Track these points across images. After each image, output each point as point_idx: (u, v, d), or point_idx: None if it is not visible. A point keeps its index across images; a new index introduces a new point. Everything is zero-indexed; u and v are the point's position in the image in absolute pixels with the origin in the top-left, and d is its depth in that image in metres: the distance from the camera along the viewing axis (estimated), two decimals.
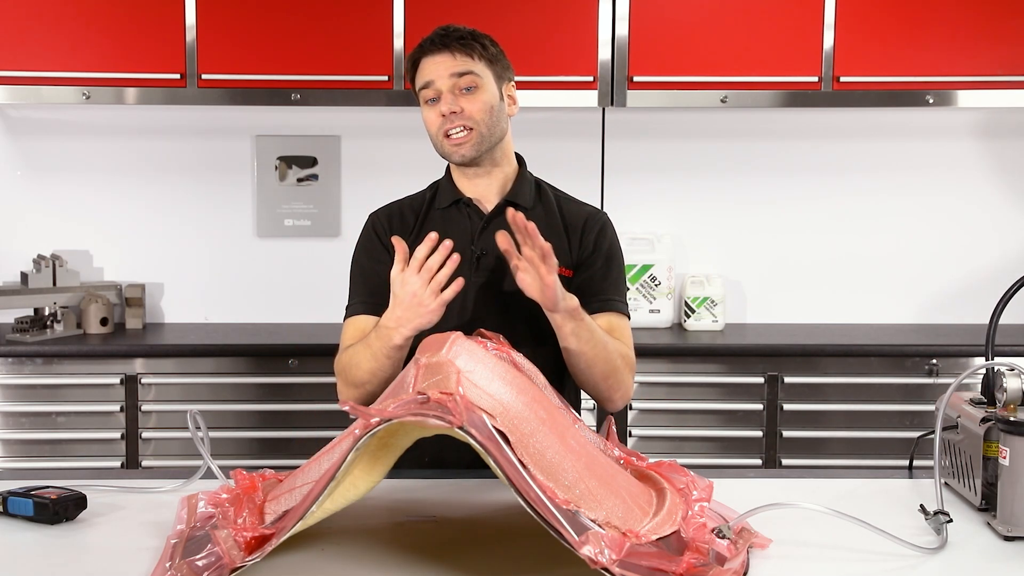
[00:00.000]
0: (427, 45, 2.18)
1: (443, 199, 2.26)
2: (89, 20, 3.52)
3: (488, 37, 2.21)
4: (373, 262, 2.23)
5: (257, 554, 1.48)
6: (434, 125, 2.18)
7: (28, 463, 3.44)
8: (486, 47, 2.18)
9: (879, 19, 3.53)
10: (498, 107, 2.18)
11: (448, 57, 2.15)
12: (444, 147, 2.18)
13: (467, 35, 2.17)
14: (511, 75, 2.24)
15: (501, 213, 2.21)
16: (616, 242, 2.27)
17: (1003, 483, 1.71)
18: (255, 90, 3.56)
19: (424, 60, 2.17)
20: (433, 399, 1.50)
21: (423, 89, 2.17)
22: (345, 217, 3.89)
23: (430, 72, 2.16)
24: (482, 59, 2.17)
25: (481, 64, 2.16)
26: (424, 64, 2.17)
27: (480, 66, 2.16)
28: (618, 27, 3.53)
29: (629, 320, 2.23)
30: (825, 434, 3.48)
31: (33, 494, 1.74)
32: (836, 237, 3.93)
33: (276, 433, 3.47)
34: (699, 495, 1.71)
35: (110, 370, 3.44)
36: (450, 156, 2.19)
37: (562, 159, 3.77)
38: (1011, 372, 1.74)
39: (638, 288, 3.78)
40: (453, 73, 2.14)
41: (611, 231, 2.27)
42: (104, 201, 3.89)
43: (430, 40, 2.18)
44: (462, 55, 2.15)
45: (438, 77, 2.15)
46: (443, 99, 2.15)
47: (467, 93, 2.15)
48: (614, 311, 2.19)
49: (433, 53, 2.16)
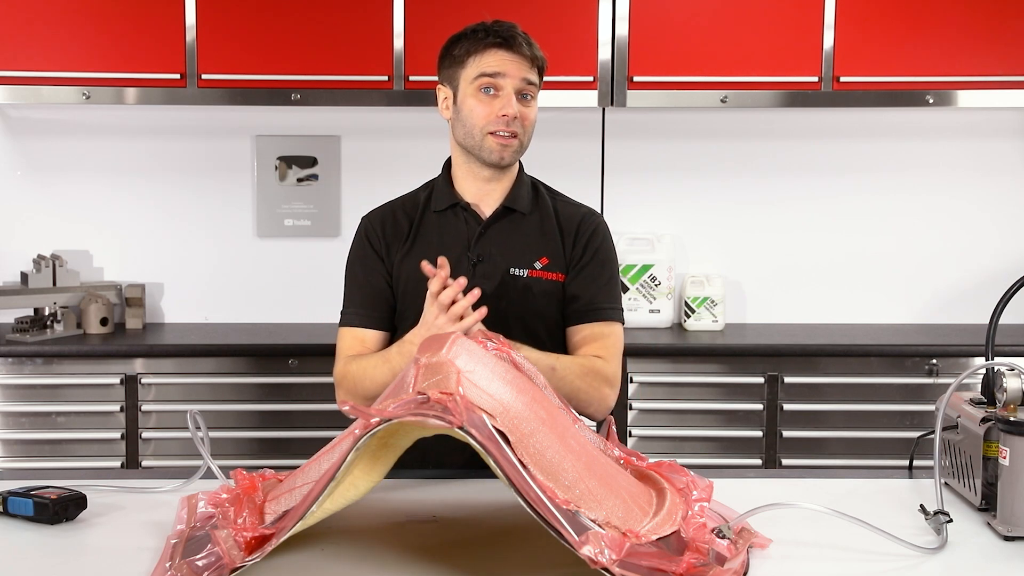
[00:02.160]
0: (495, 37, 2.11)
1: (439, 202, 2.22)
2: (89, 20, 3.52)
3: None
4: (367, 272, 2.21)
5: (257, 554, 1.48)
6: (483, 118, 2.12)
7: (28, 463, 3.44)
8: (544, 64, 2.17)
9: (879, 19, 3.53)
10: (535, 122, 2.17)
11: (523, 60, 2.11)
12: (487, 143, 2.13)
13: (536, 47, 2.14)
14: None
15: (499, 218, 2.20)
16: (610, 245, 2.25)
17: (1003, 483, 1.71)
18: (255, 90, 3.56)
19: (495, 50, 2.11)
20: (433, 399, 1.50)
21: (483, 77, 2.11)
22: (345, 217, 3.89)
23: (500, 65, 2.10)
24: (540, 75, 2.16)
25: (538, 79, 2.16)
26: (492, 54, 2.11)
27: (538, 79, 2.16)
28: (618, 27, 3.53)
29: (622, 324, 2.21)
30: (825, 434, 3.48)
31: (33, 494, 1.74)
32: (836, 237, 3.93)
33: (276, 433, 3.47)
34: (699, 495, 1.70)
35: (110, 370, 3.44)
36: (489, 153, 2.14)
37: (562, 159, 3.78)
38: (1011, 372, 1.74)
39: (638, 288, 3.78)
40: (524, 78, 2.11)
41: (605, 234, 2.25)
42: (104, 201, 3.89)
43: (499, 34, 2.11)
44: (533, 65, 2.13)
45: (509, 74, 2.10)
46: (508, 99, 2.10)
47: (525, 100, 2.12)
48: (603, 320, 2.17)
49: (506, 49, 2.11)
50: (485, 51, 2.11)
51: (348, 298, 2.24)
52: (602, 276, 2.21)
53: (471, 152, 2.17)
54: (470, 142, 2.15)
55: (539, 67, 2.15)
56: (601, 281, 2.20)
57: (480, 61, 2.11)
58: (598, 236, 2.23)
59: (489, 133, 2.12)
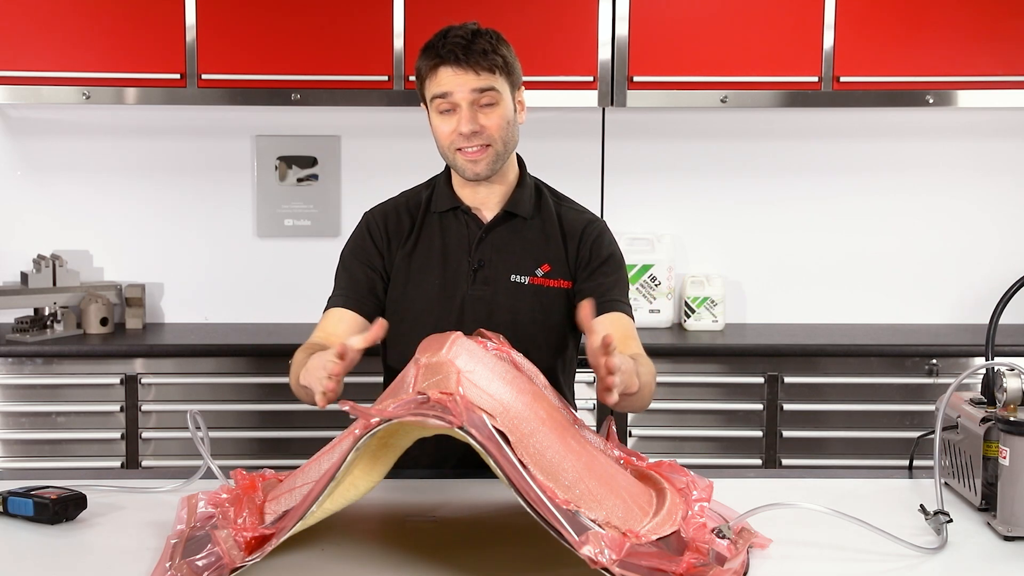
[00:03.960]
0: (447, 55, 2.06)
1: (440, 203, 2.19)
2: (89, 20, 3.52)
3: (504, 41, 2.11)
4: (361, 264, 2.20)
5: (257, 554, 1.48)
6: (447, 138, 2.09)
7: (28, 463, 3.44)
8: (506, 58, 2.09)
9: (879, 19, 3.53)
10: (512, 120, 2.11)
11: (470, 73, 2.05)
12: (457, 161, 2.10)
13: (488, 47, 2.06)
14: (521, 79, 2.15)
15: (500, 223, 2.18)
16: (616, 248, 2.23)
17: (1003, 483, 1.71)
18: (255, 90, 3.56)
19: (442, 69, 2.06)
20: (433, 399, 1.50)
21: (438, 99, 2.07)
22: (345, 217, 3.89)
23: (449, 84, 2.05)
24: (502, 73, 2.08)
25: (501, 78, 2.07)
26: (442, 73, 2.06)
27: (500, 80, 2.07)
28: (618, 27, 3.53)
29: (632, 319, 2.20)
30: (825, 434, 3.48)
31: (33, 494, 1.74)
32: (836, 237, 3.93)
33: (276, 433, 3.47)
34: (699, 495, 1.71)
35: (110, 370, 3.44)
36: (463, 171, 2.11)
37: (562, 159, 3.78)
38: (1011, 372, 1.74)
39: (638, 288, 3.78)
40: (474, 89, 2.05)
41: (609, 238, 2.23)
42: (104, 201, 3.89)
43: (449, 49, 2.06)
44: (485, 71, 2.05)
45: (457, 91, 2.05)
46: (463, 115, 2.05)
47: (485, 108, 2.07)
48: (619, 311, 2.15)
49: (453, 65, 2.05)
50: (434, 71, 2.08)
51: (336, 283, 2.23)
52: (612, 276, 2.19)
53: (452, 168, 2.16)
54: (446, 160, 2.15)
55: (496, 67, 2.06)
56: (613, 280, 2.18)
57: (432, 82, 2.08)
58: (605, 240, 2.21)
59: (456, 150, 2.09)
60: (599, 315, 2.11)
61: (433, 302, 2.15)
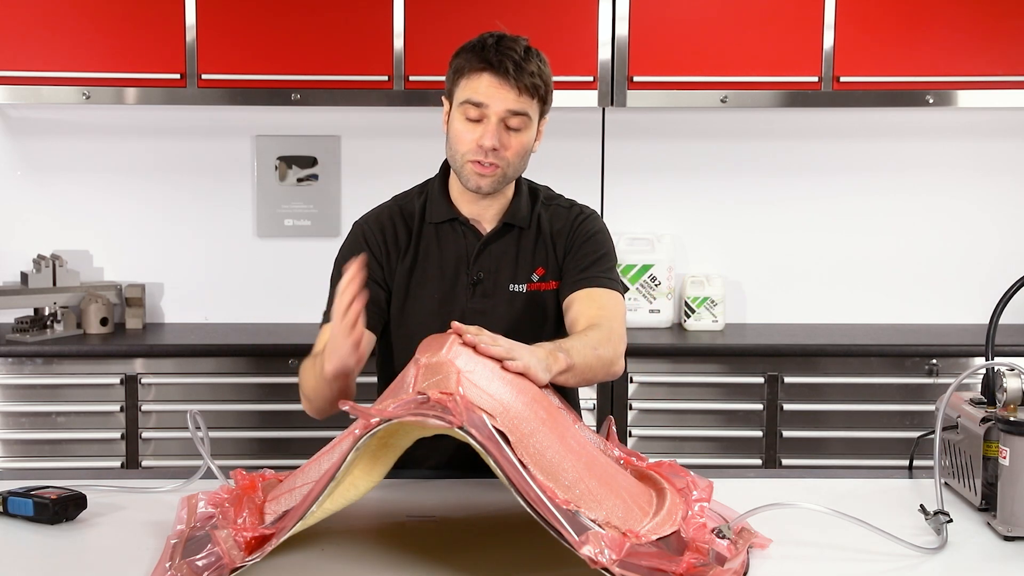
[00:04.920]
0: (498, 64, 2.01)
1: (436, 214, 2.15)
2: (89, 20, 3.52)
3: (548, 67, 2.08)
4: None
5: (257, 554, 1.48)
6: (465, 144, 2.04)
7: (28, 463, 3.44)
8: (548, 87, 2.07)
9: (879, 19, 3.53)
10: (530, 149, 2.09)
11: (513, 91, 2.01)
12: (466, 170, 2.06)
13: (537, 71, 2.03)
14: (550, 107, 2.12)
15: (500, 235, 2.15)
16: (600, 230, 2.17)
17: (1003, 483, 1.71)
18: (255, 90, 3.56)
19: (486, 75, 2.01)
20: (433, 399, 1.50)
21: (470, 104, 2.03)
22: (345, 217, 3.88)
23: (488, 95, 2.01)
24: (539, 101, 2.06)
25: (535, 105, 2.05)
26: (484, 80, 2.01)
27: (534, 107, 2.05)
28: (618, 27, 3.53)
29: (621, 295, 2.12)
30: (825, 434, 3.48)
31: (33, 494, 1.74)
32: (836, 237, 3.93)
33: (276, 433, 3.47)
34: (699, 495, 1.71)
35: (110, 370, 3.44)
36: (467, 181, 2.07)
37: (562, 159, 3.77)
38: (1011, 372, 1.74)
39: (638, 288, 3.78)
40: (510, 109, 2.01)
41: (594, 222, 2.18)
42: (104, 201, 3.89)
43: (503, 61, 2.01)
44: (526, 94, 2.02)
45: (494, 105, 2.01)
46: (489, 130, 2.01)
47: (511, 131, 2.03)
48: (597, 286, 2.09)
49: (500, 76, 2.01)
50: (474, 75, 2.03)
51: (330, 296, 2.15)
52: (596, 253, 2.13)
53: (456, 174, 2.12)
54: (454, 164, 2.10)
55: (537, 94, 2.04)
56: (593, 258, 2.13)
57: (468, 85, 2.04)
58: (587, 225, 2.17)
59: (469, 160, 2.05)
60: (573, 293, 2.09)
61: (433, 316, 2.11)
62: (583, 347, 1.92)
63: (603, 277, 2.12)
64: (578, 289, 2.10)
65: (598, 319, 2.03)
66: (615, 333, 2.03)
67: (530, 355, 1.76)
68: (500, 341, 1.74)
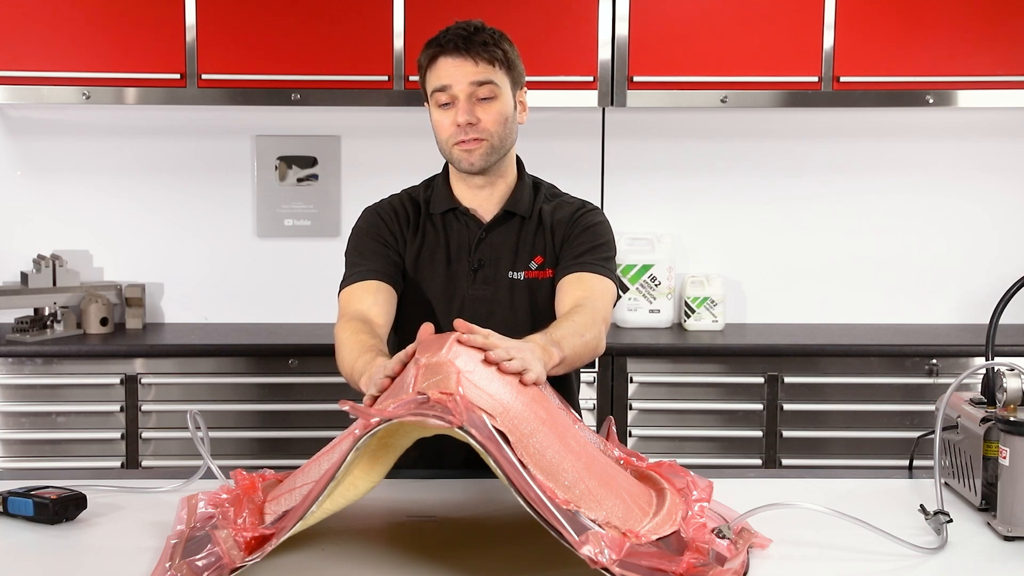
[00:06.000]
0: (447, 44, 2.06)
1: (438, 205, 2.19)
2: (89, 20, 3.52)
3: (507, 39, 2.11)
4: (379, 241, 2.15)
5: (257, 554, 1.48)
6: (445, 131, 2.08)
7: (28, 463, 3.44)
8: (507, 54, 2.08)
9: (879, 19, 3.53)
10: (512, 117, 2.10)
11: (469, 63, 2.04)
12: (453, 154, 2.10)
13: (490, 40, 2.06)
14: (523, 79, 2.15)
15: (499, 223, 2.18)
16: (600, 223, 2.19)
17: (1003, 483, 1.71)
18: (255, 90, 3.56)
19: (442, 60, 2.06)
20: (433, 399, 1.50)
21: (437, 92, 2.07)
22: (345, 217, 3.89)
23: (448, 76, 2.05)
24: (502, 67, 2.07)
25: (501, 72, 2.07)
26: (441, 65, 2.06)
27: (500, 74, 2.07)
28: (618, 27, 3.53)
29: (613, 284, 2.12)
30: (825, 434, 3.48)
31: (33, 494, 1.74)
32: (836, 237, 3.93)
33: (276, 433, 3.47)
34: (699, 495, 1.71)
35: (110, 370, 3.44)
36: (458, 163, 2.11)
37: (562, 159, 3.78)
38: (1011, 372, 1.74)
39: (638, 288, 3.78)
40: (473, 81, 2.04)
41: (596, 215, 2.20)
42: (104, 201, 3.89)
43: (450, 39, 2.06)
44: (484, 62, 2.05)
45: (456, 83, 2.05)
46: (460, 107, 2.05)
47: (483, 102, 2.06)
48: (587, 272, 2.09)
49: (453, 55, 2.05)
50: (434, 62, 2.07)
51: (353, 262, 2.15)
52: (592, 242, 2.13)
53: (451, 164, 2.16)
54: (445, 155, 2.14)
55: (496, 59, 2.06)
56: (588, 246, 2.13)
57: (432, 75, 2.08)
58: (588, 216, 2.18)
59: (454, 144, 2.08)
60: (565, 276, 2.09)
61: (435, 303, 2.15)
62: (571, 335, 1.91)
63: (596, 264, 2.12)
64: (570, 273, 2.11)
65: (582, 300, 2.04)
66: (598, 314, 2.02)
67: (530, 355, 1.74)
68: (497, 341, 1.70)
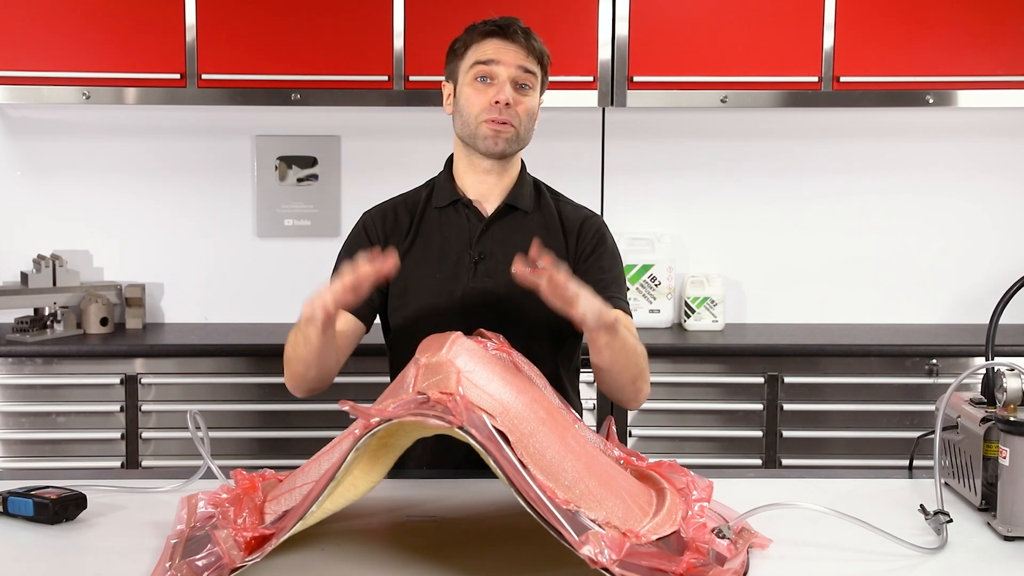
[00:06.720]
0: (504, 26, 2.13)
1: (440, 198, 2.21)
2: (89, 20, 3.52)
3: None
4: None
5: (257, 554, 1.48)
6: (478, 106, 2.11)
7: (28, 463, 3.44)
8: (547, 57, 2.17)
9: (879, 19, 3.53)
10: (535, 116, 2.17)
11: (520, 49, 2.12)
12: (481, 130, 2.12)
13: (538, 41, 2.15)
14: (547, 86, 2.22)
15: (501, 216, 2.19)
16: (614, 246, 2.25)
17: (1003, 483, 1.71)
18: (255, 90, 3.56)
19: (495, 39, 2.12)
20: (433, 399, 1.50)
21: (480, 64, 2.12)
22: (345, 217, 3.89)
23: (496, 53, 2.11)
24: (540, 65, 2.15)
25: (538, 68, 2.15)
26: (490, 43, 2.12)
27: (538, 72, 2.15)
28: (618, 27, 3.53)
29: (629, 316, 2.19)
30: (825, 434, 3.48)
31: (33, 494, 1.74)
32: (836, 237, 3.93)
33: (276, 433, 3.47)
34: (699, 495, 1.71)
35: (110, 370, 3.44)
36: (482, 140, 2.13)
37: (562, 159, 3.78)
38: (1011, 372, 1.74)
39: (638, 288, 3.78)
40: (520, 66, 2.11)
41: (609, 236, 2.25)
42: (104, 201, 3.89)
43: (500, 25, 2.13)
44: (533, 56, 2.13)
45: (504, 62, 2.10)
46: (502, 86, 2.10)
47: (520, 90, 2.12)
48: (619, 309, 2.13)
49: (504, 38, 2.12)
50: (481, 40, 2.13)
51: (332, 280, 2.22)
52: (612, 270, 2.20)
53: (469, 144, 2.16)
54: (467, 132, 2.15)
55: (539, 59, 2.14)
56: (612, 274, 2.19)
57: (476, 50, 2.13)
58: (604, 237, 2.23)
59: (484, 121, 2.11)
60: None
61: (434, 296, 2.15)
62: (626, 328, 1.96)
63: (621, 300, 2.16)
64: None
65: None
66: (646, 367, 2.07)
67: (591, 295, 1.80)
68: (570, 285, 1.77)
